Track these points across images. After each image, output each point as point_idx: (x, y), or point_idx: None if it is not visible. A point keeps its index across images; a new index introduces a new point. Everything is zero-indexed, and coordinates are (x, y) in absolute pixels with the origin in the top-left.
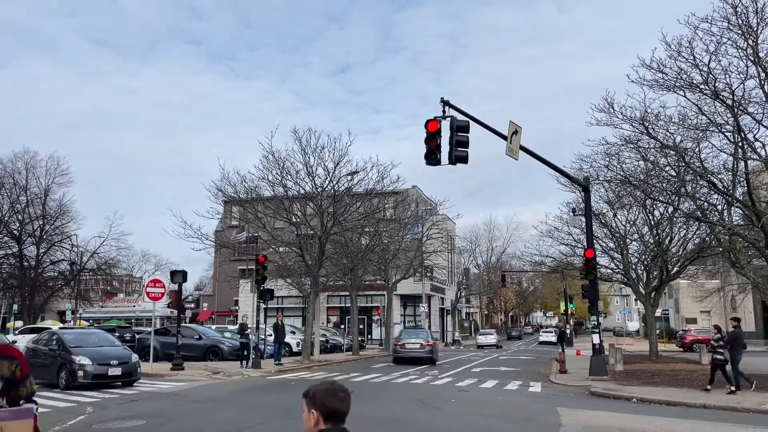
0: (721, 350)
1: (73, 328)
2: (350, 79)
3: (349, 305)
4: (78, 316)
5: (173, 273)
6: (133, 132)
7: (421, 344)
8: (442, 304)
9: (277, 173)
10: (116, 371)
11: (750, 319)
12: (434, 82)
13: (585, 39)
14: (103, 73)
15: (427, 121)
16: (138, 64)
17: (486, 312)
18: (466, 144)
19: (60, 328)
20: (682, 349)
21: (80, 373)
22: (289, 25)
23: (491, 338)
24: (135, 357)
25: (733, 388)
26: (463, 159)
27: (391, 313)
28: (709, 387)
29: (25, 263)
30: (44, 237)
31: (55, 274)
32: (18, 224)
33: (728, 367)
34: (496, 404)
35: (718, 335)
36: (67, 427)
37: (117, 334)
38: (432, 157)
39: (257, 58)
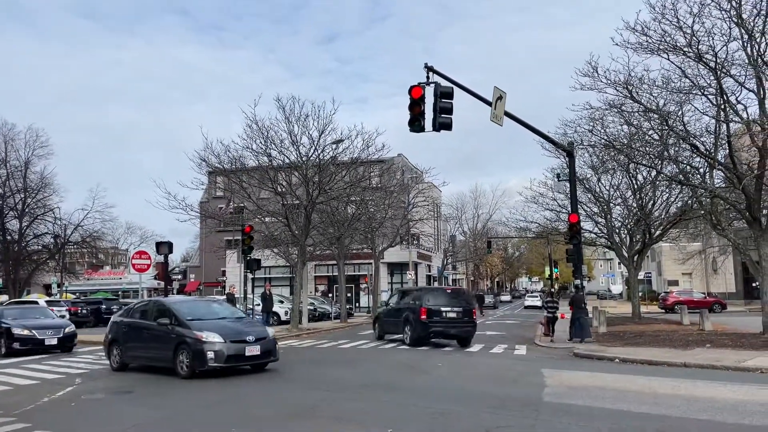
0: (553, 308)
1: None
2: (338, 48)
3: (336, 274)
4: (64, 289)
5: (159, 244)
6: (119, 105)
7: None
8: (429, 272)
9: (261, 143)
10: (254, 350)
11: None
12: (423, 50)
13: (573, 4)
14: (89, 46)
15: (411, 88)
16: (124, 37)
17: (472, 278)
18: (449, 110)
19: (46, 301)
20: (664, 311)
21: (210, 354)
22: None
23: (507, 297)
24: (271, 331)
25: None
26: (447, 125)
27: (379, 281)
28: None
29: (8, 237)
30: (26, 210)
31: (39, 247)
32: None
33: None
34: (482, 367)
35: (549, 297)
36: (56, 399)
37: (104, 307)
38: (416, 123)
39: (244, 27)
